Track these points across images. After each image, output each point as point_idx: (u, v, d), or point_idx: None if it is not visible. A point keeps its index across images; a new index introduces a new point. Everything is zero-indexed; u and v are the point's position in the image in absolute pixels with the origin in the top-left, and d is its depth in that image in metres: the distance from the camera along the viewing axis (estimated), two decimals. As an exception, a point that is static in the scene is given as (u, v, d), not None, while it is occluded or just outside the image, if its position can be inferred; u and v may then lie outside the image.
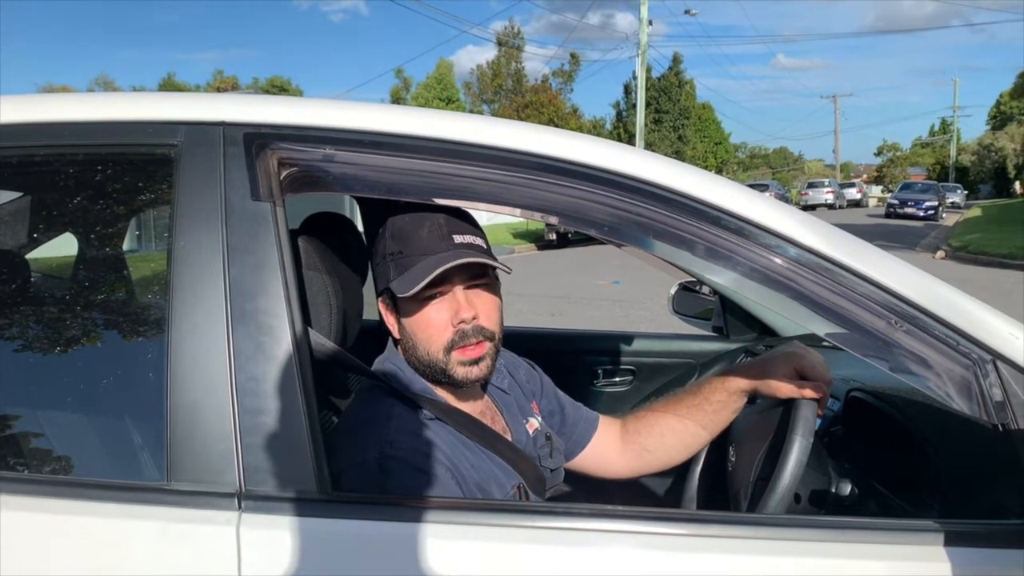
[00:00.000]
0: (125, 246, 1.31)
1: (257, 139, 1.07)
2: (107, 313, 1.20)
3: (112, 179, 1.15)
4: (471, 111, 35.98)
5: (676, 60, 39.00)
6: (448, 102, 36.53)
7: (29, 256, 1.33)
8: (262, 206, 1.03)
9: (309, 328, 1.13)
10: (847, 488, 1.24)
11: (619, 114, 37.46)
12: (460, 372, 1.22)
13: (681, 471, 1.62)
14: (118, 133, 1.10)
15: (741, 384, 1.41)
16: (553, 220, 1.12)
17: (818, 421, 1.28)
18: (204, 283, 1.01)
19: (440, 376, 1.23)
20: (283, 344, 0.99)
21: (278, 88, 41.67)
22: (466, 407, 1.29)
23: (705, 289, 2.61)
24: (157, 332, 1.01)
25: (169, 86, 43.82)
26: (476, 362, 1.22)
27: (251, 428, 0.97)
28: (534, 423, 1.42)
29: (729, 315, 2.40)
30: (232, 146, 1.06)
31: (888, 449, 1.40)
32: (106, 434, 1.16)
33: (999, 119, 53.72)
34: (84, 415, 1.15)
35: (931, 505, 1.19)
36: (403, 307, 1.23)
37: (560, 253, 17.45)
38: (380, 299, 1.28)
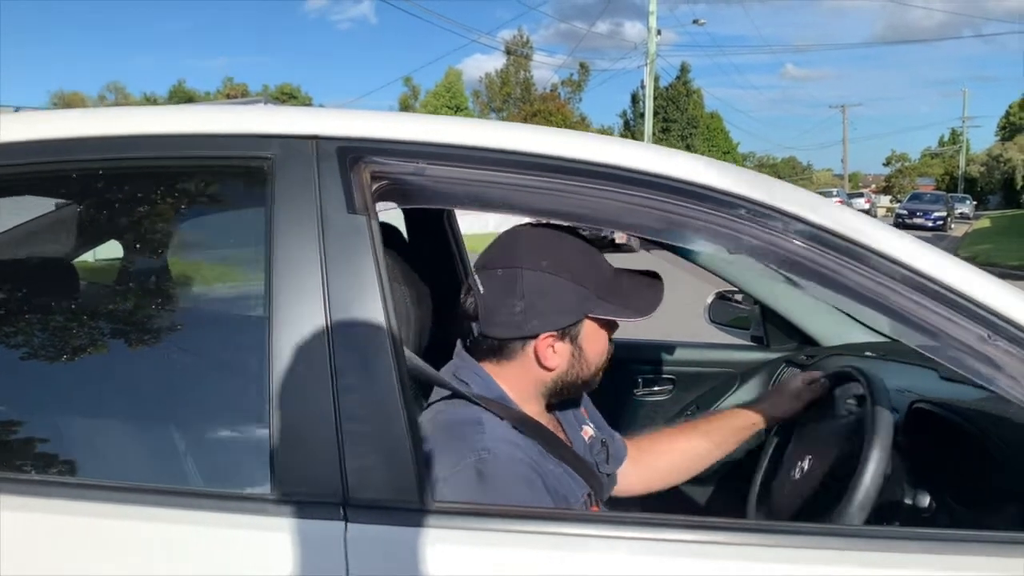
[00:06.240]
0: (220, 256, 1.32)
1: (350, 152, 1.08)
2: (207, 324, 1.22)
3: (208, 190, 1.17)
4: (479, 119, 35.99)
5: (684, 69, 39.10)
6: (457, 110, 36.64)
7: (128, 264, 1.34)
8: (358, 219, 1.04)
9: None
10: (925, 500, 1.24)
11: (627, 123, 37.45)
12: (594, 382, 1.33)
13: (741, 479, 1.62)
14: (215, 146, 1.11)
15: (754, 419, 1.56)
16: (645, 237, 1.13)
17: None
18: (303, 294, 1.02)
19: (574, 391, 1.32)
20: (383, 354, 1.00)
21: (287, 95, 41.83)
22: (537, 418, 1.30)
23: (741, 298, 2.61)
24: (258, 342, 1.02)
25: (179, 92, 44.04)
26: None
27: (354, 437, 0.97)
28: (588, 430, 1.44)
29: (769, 324, 2.39)
30: (326, 160, 1.07)
31: (957, 460, 1.40)
32: (210, 444, 1.17)
33: (1008, 130, 53.61)
34: (189, 426, 1.16)
35: (1012, 516, 1.18)
36: (588, 335, 1.27)
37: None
38: (546, 335, 1.23)
